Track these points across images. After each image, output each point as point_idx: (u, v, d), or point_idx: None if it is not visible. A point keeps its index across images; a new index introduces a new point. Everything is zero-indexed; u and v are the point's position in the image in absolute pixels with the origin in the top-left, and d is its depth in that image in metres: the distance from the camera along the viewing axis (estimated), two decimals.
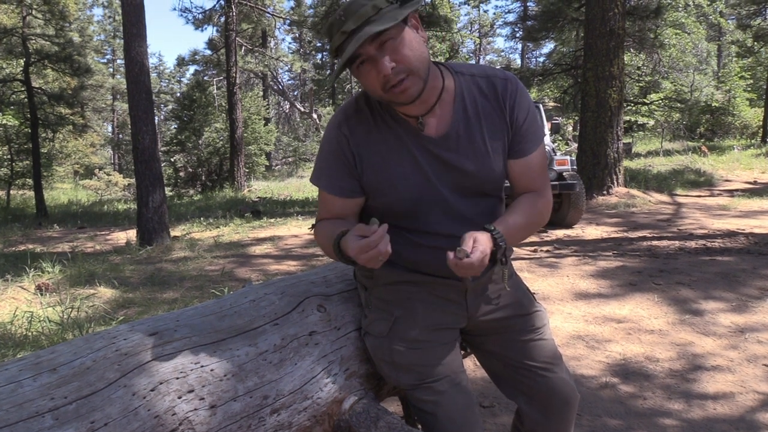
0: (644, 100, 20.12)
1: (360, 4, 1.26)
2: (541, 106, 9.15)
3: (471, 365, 2.97)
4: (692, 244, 6.17)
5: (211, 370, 1.33)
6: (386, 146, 1.45)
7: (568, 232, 7.44)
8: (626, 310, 4.05)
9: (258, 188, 20.42)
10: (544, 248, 6.30)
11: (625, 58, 13.00)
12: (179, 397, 1.26)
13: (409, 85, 1.32)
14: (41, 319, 4.02)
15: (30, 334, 3.78)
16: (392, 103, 1.39)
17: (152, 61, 50.95)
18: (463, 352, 1.72)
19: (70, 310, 4.27)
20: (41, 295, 4.84)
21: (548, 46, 32.14)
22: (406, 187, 1.45)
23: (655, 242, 6.39)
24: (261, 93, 31.58)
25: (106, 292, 4.99)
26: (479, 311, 1.58)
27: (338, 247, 1.37)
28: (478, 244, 1.28)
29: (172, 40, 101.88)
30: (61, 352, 1.26)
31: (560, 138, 20.81)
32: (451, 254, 1.27)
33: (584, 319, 3.91)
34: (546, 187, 1.55)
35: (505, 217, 1.45)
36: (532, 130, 1.48)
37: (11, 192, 19.08)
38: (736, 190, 11.55)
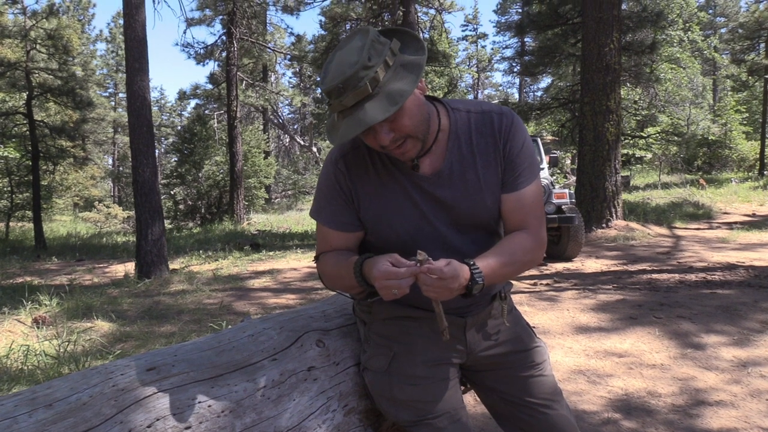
0: (641, 133, 20.29)
1: (358, 77, 1.23)
2: (539, 139, 9.23)
3: (471, 401, 2.93)
4: (692, 277, 6.16)
5: (209, 406, 1.31)
6: (382, 183, 1.47)
7: (568, 265, 7.43)
8: (627, 344, 4.02)
9: (257, 221, 20.42)
10: (544, 282, 6.28)
11: (622, 93, 13.18)
12: None
13: (408, 149, 1.35)
14: (37, 352, 3.98)
15: (26, 368, 3.74)
16: None
17: (154, 94, 51.49)
18: (463, 388, 1.70)
19: (66, 343, 4.23)
20: (38, 328, 4.81)
21: (545, 81, 32.54)
22: (402, 224, 1.46)
23: (655, 275, 6.38)
24: (261, 126, 31.80)
25: (103, 326, 4.96)
26: (479, 347, 1.57)
27: (361, 265, 1.37)
28: (453, 263, 1.27)
29: (174, 74, 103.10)
30: (57, 387, 1.25)
31: (558, 171, 20.92)
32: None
33: (585, 353, 3.88)
34: (539, 226, 1.49)
35: (487, 252, 1.41)
36: (526, 164, 1.46)
37: (10, 224, 19.08)
38: (735, 223, 11.57)
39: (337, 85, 1.24)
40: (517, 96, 50.34)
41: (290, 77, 47.36)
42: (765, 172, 23.67)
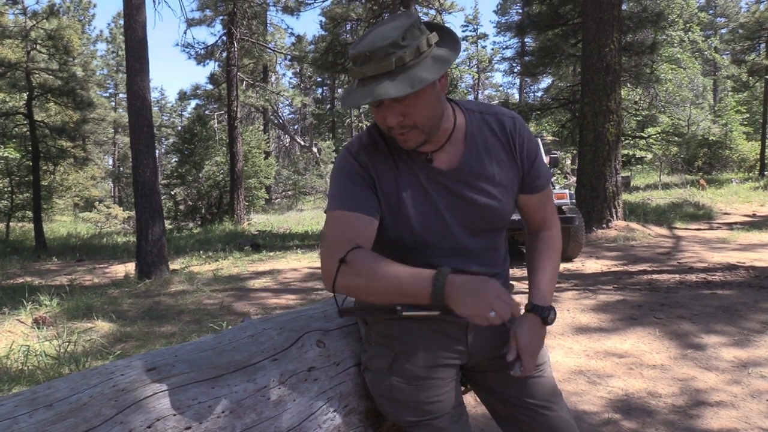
0: (642, 134, 20.27)
1: (386, 52, 1.25)
2: (539, 140, 9.23)
3: (471, 402, 2.93)
4: (692, 277, 6.16)
5: (209, 406, 1.31)
6: (399, 177, 1.46)
7: (568, 265, 7.43)
8: (627, 344, 4.02)
9: (257, 221, 20.43)
10: None
11: (622, 93, 13.16)
12: None
13: (411, 138, 1.36)
14: (38, 353, 3.99)
15: (26, 368, 3.75)
16: None
17: (154, 95, 51.45)
18: (463, 389, 1.70)
19: (66, 344, 4.23)
20: (38, 328, 4.81)
21: (546, 81, 32.55)
22: (417, 219, 1.45)
23: (655, 276, 6.37)
24: (261, 127, 31.79)
25: (103, 326, 4.96)
26: (480, 349, 1.57)
27: (443, 277, 1.23)
28: (526, 324, 1.47)
29: (174, 74, 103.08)
30: (57, 387, 1.25)
31: (559, 172, 20.92)
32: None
33: (585, 353, 3.87)
34: (555, 217, 1.67)
35: (539, 283, 1.57)
36: (543, 165, 1.56)
37: (10, 224, 19.09)
38: (735, 223, 11.56)
39: (365, 53, 1.27)
40: (517, 96, 50.31)
41: (290, 77, 47.45)
42: (765, 173, 23.67)
